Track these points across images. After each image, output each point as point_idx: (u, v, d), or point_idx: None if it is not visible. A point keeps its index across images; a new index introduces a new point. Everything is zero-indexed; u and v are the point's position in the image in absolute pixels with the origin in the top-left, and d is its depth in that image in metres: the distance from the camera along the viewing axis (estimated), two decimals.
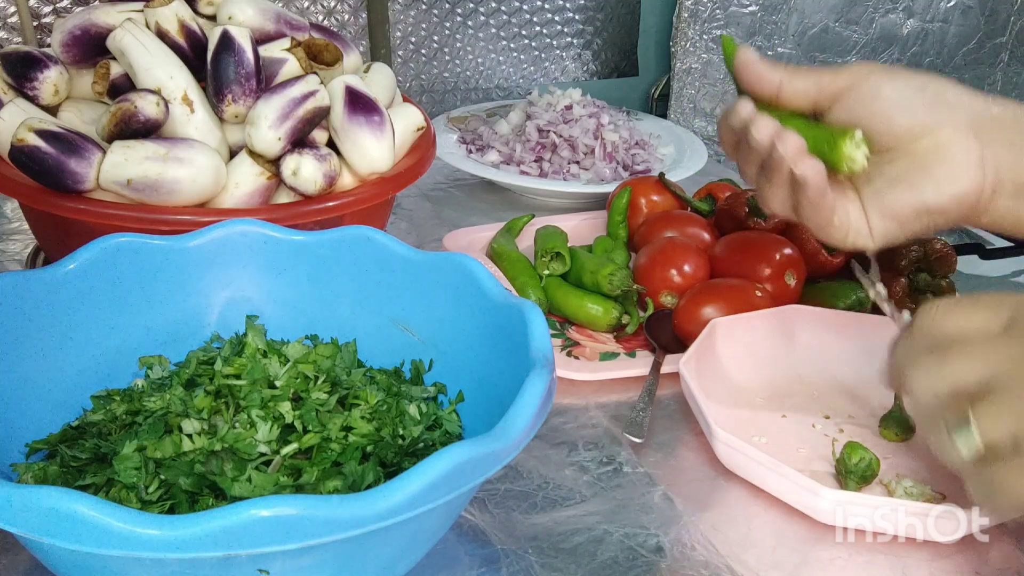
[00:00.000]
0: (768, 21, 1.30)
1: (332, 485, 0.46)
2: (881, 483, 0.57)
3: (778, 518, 0.55)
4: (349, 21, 1.14)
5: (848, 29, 1.35)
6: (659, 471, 0.59)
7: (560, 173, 1.03)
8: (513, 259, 0.79)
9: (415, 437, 0.51)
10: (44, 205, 0.61)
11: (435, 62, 1.22)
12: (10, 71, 0.65)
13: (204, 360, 0.56)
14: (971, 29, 1.45)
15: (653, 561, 0.51)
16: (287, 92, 0.63)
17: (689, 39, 1.27)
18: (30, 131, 0.59)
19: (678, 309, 0.72)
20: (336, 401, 0.53)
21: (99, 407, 0.53)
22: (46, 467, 0.47)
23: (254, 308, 0.59)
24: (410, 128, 0.74)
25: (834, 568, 0.52)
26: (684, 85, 1.29)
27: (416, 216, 0.97)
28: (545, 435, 0.62)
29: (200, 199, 0.62)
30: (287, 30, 0.71)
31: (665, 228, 0.82)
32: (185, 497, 0.44)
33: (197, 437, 0.48)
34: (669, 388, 0.67)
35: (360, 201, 0.67)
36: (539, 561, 0.51)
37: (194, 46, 0.66)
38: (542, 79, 1.30)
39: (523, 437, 0.41)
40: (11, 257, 0.82)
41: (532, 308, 0.49)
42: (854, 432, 0.62)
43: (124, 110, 0.60)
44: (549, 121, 1.07)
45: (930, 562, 0.52)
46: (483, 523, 0.53)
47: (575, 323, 0.76)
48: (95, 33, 0.67)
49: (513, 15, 1.24)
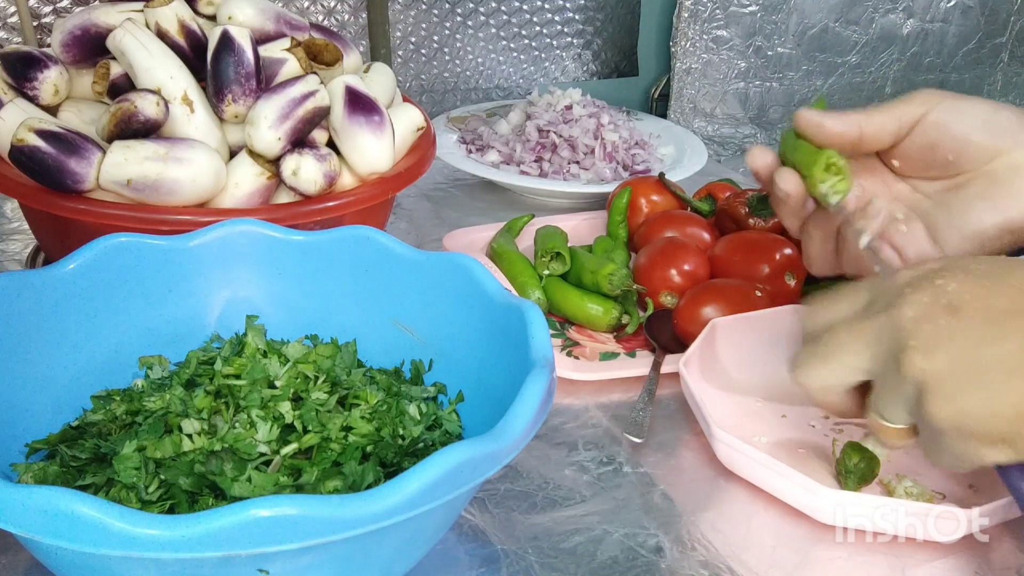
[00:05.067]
0: (768, 21, 1.30)
1: (332, 485, 0.46)
2: (881, 483, 0.57)
3: (778, 518, 0.55)
4: (349, 21, 1.14)
5: (848, 29, 1.35)
6: (659, 471, 0.59)
7: (560, 173, 1.03)
8: (513, 259, 0.79)
9: (415, 437, 0.51)
10: (44, 205, 0.61)
11: (435, 62, 1.22)
12: (10, 71, 0.65)
13: (204, 360, 0.56)
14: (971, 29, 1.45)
15: (653, 561, 0.51)
16: (287, 92, 0.63)
17: (689, 39, 1.27)
18: (30, 131, 0.59)
19: (678, 309, 0.72)
20: (336, 401, 0.53)
21: (99, 407, 0.53)
22: (46, 467, 0.47)
23: (254, 308, 0.59)
24: (410, 128, 0.74)
25: (834, 568, 0.52)
26: (684, 85, 1.29)
27: (416, 216, 0.97)
28: (545, 435, 0.62)
29: (200, 199, 0.62)
30: (287, 30, 0.71)
31: (665, 228, 0.82)
32: (185, 497, 0.44)
33: (197, 437, 0.48)
34: (669, 388, 0.67)
35: (360, 201, 0.67)
36: (539, 561, 0.51)
37: (194, 46, 0.66)
38: (542, 79, 1.30)
39: (523, 437, 0.41)
40: (11, 257, 0.82)
41: (532, 308, 0.49)
42: (854, 432, 0.62)
43: (124, 110, 0.60)
44: (549, 121, 1.07)
45: (930, 562, 0.52)
46: (483, 523, 0.53)
47: (575, 323, 0.76)
48: (95, 33, 0.67)
49: (513, 15, 1.24)
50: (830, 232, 0.58)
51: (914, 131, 0.56)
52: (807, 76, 1.37)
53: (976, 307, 0.43)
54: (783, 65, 1.34)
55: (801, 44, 1.34)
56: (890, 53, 1.40)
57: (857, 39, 1.37)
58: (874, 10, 1.36)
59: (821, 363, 0.47)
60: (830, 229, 0.58)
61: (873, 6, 1.35)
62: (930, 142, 0.56)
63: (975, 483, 0.57)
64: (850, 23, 1.35)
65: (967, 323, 0.42)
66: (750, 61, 1.32)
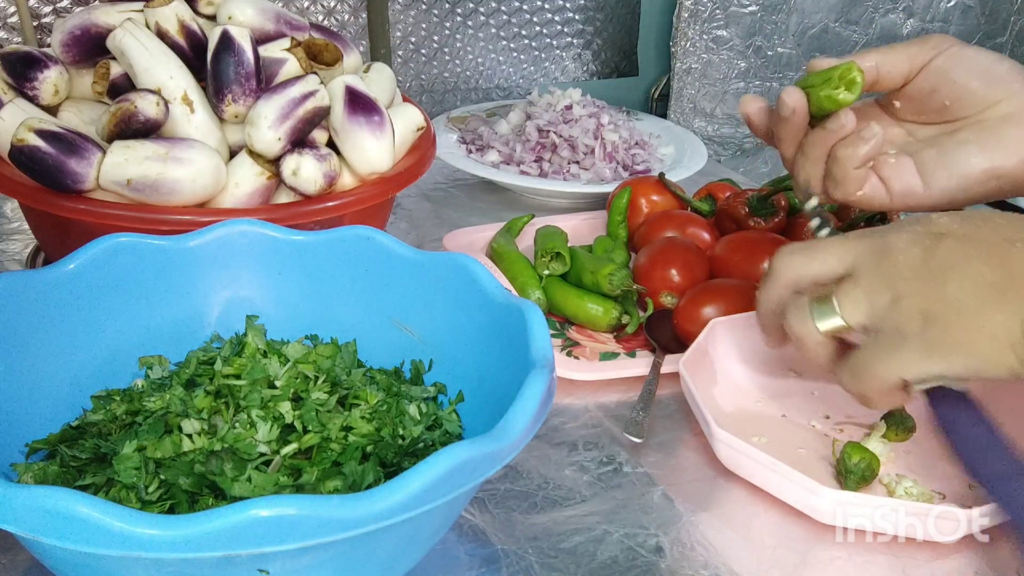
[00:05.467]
0: (768, 21, 1.30)
1: (332, 485, 0.46)
2: (881, 483, 0.57)
3: (778, 518, 0.55)
4: (349, 21, 1.14)
5: (848, 29, 1.35)
6: (659, 471, 0.59)
7: (560, 173, 1.03)
8: (513, 259, 0.79)
9: (415, 437, 0.51)
10: (44, 205, 0.61)
11: (435, 62, 1.22)
12: (10, 71, 0.65)
13: (204, 360, 0.56)
14: (971, 29, 1.45)
15: (653, 561, 0.51)
16: (287, 92, 0.63)
17: (689, 39, 1.27)
18: (30, 131, 0.59)
19: (678, 309, 0.72)
20: (336, 401, 0.53)
21: (99, 407, 0.53)
22: (46, 467, 0.47)
23: (254, 308, 0.59)
24: (410, 128, 0.74)
25: (834, 568, 0.52)
26: (684, 85, 1.29)
27: (416, 216, 0.97)
28: (545, 435, 0.62)
29: (200, 199, 0.62)
30: (287, 30, 0.71)
31: (665, 228, 0.82)
32: (185, 497, 0.44)
33: (197, 437, 0.48)
34: (669, 388, 0.67)
35: (360, 201, 0.67)
36: (539, 561, 0.51)
37: (194, 46, 0.66)
38: (542, 79, 1.30)
39: (523, 437, 0.41)
40: (11, 257, 0.82)
41: (532, 308, 0.49)
42: (854, 432, 0.62)
43: (124, 110, 0.60)
44: (549, 121, 1.07)
45: (930, 562, 0.52)
46: (483, 523, 0.53)
47: (575, 323, 0.76)
48: (95, 33, 0.67)
49: (513, 15, 1.24)
50: (823, 154, 0.58)
51: (919, 74, 0.57)
52: None
53: (960, 234, 0.47)
54: (783, 65, 1.34)
55: (801, 44, 1.34)
56: None
57: (857, 39, 1.37)
58: (874, 10, 1.36)
59: (804, 254, 0.51)
60: (824, 149, 0.58)
61: (873, 6, 1.35)
62: (931, 86, 0.57)
63: (975, 483, 0.57)
64: (850, 23, 1.35)
65: (950, 243, 0.46)
66: (750, 61, 1.32)
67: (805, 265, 0.51)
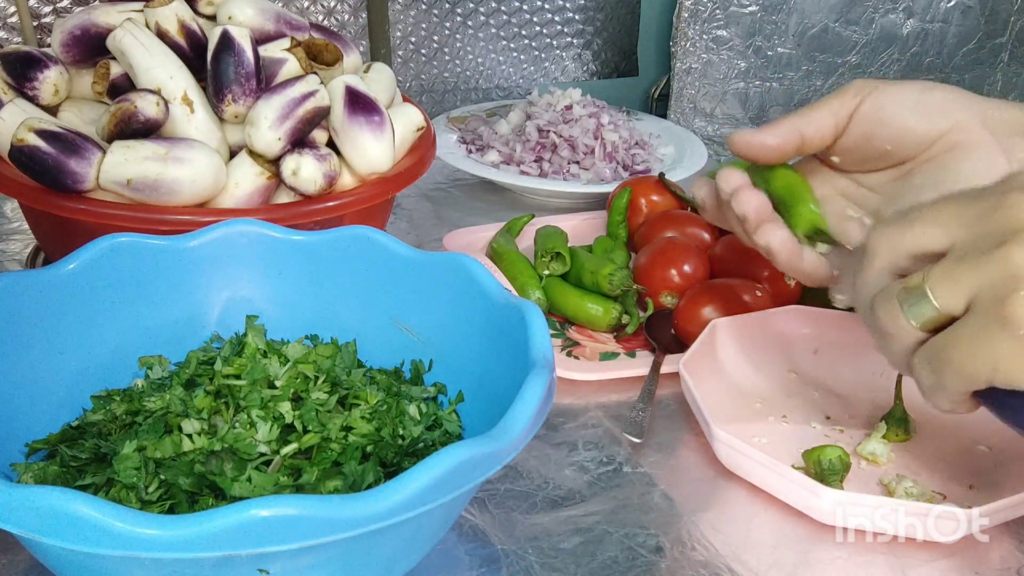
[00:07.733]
0: (768, 21, 1.30)
1: (332, 485, 0.46)
2: (881, 483, 0.57)
3: (778, 518, 0.55)
4: (349, 21, 1.14)
5: (848, 29, 1.35)
6: (659, 471, 0.59)
7: (560, 173, 1.03)
8: (513, 259, 0.79)
9: (415, 437, 0.51)
10: (44, 205, 0.61)
11: (435, 62, 1.22)
12: (10, 71, 0.65)
13: (204, 360, 0.56)
14: (971, 29, 1.45)
15: (653, 561, 0.51)
16: (287, 92, 0.63)
17: (689, 39, 1.27)
18: (30, 131, 0.59)
19: (678, 309, 0.72)
20: (336, 401, 0.53)
21: (99, 407, 0.53)
22: (46, 467, 0.47)
23: (254, 308, 0.59)
24: (410, 128, 0.74)
25: (834, 568, 0.52)
26: (684, 85, 1.29)
27: (416, 216, 0.97)
28: (545, 435, 0.62)
29: (200, 199, 0.62)
30: (287, 30, 0.71)
31: (665, 228, 0.82)
32: (185, 497, 0.44)
33: (197, 437, 0.48)
34: (669, 388, 0.67)
35: (360, 201, 0.67)
36: (539, 561, 0.51)
37: (194, 46, 0.66)
38: (542, 79, 1.30)
39: (523, 437, 0.41)
40: (11, 257, 0.82)
41: (532, 308, 0.49)
42: (854, 433, 0.62)
43: (124, 110, 0.60)
44: (549, 121, 1.07)
45: (930, 562, 0.52)
46: (483, 523, 0.53)
47: (575, 323, 0.76)
48: (95, 33, 0.67)
49: (513, 15, 1.24)
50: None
51: (849, 124, 0.54)
52: (807, 76, 1.37)
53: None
54: (783, 65, 1.34)
55: (801, 44, 1.34)
56: (890, 53, 1.40)
57: (857, 39, 1.37)
58: (874, 10, 1.35)
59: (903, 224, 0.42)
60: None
61: (873, 6, 1.35)
62: (865, 133, 0.54)
63: (975, 483, 0.57)
64: (850, 23, 1.35)
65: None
66: (750, 61, 1.32)
67: (900, 236, 0.42)
